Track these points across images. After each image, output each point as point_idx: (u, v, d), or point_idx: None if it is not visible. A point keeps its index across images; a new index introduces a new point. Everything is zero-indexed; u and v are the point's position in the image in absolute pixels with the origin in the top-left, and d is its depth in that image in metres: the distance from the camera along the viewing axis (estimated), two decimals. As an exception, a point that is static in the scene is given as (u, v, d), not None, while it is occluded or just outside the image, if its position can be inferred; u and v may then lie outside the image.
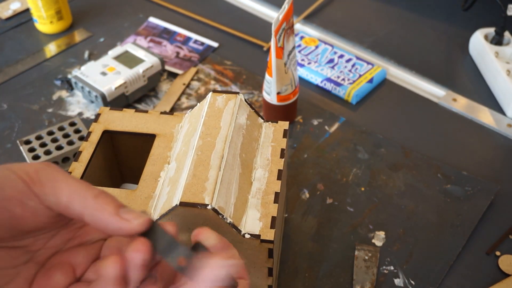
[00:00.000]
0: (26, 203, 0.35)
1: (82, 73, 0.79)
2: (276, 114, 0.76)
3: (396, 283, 0.61)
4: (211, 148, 0.48)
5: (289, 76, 0.73)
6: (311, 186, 0.70)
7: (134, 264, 0.35)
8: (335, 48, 0.89)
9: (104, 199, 0.36)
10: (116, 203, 0.36)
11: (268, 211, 0.48)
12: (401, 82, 0.87)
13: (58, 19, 0.92)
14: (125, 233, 0.36)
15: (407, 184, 0.71)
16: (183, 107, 0.81)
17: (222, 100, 0.53)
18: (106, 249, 0.39)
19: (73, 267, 0.38)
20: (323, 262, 0.63)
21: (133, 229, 0.35)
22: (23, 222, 0.35)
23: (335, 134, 0.77)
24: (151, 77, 0.81)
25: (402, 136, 0.78)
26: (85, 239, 0.39)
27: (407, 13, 0.99)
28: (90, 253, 0.39)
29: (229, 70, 0.87)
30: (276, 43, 0.69)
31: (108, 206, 0.35)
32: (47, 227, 0.37)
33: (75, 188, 0.36)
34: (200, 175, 0.46)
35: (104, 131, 0.56)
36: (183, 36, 0.93)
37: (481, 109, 0.81)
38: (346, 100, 0.82)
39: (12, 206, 0.35)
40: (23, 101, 0.82)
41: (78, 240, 0.39)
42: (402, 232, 0.66)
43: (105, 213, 0.35)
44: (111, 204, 0.36)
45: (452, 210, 0.68)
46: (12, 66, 0.88)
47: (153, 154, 0.53)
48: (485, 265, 0.63)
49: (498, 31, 0.85)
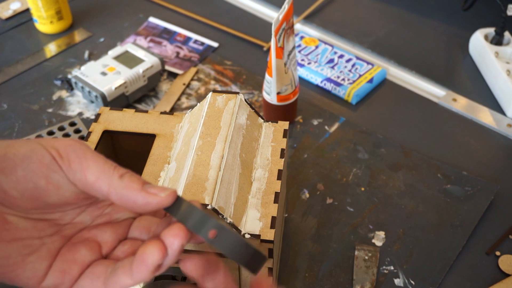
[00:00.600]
0: (50, 177, 0.36)
1: (82, 73, 0.79)
2: (276, 114, 0.76)
3: (396, 283, 0.61)
4: (211, 148, 0.48)
5: (289, 76, 0.73)
6: (311, 186, 0.70)
7: (173, 250, 0.35)
8: (335, 48, 0.89)
9: (129, 177, 0.36)
10: (142, 180, 0.36)
11: (268, 211, 0.48)
12: (401, 82, 0.87)
13: (58, 19, 0.92)
14: (153, 207, 0.36)
15: (407, 184, 0.71)
16: (183, 107, 0.81)
17: (222, 100, 0.53)
18: (135, 229, 0.39)
19: (99, 244, 0.38)
20: (323, 262, 0.63)
21: (160, 202, 0.36)
22: (47, 195, 0.36)
23: (335, 134, 0.77)
24: (151, 77, 0.81)
25: (402, 136, 0.78)
26: (113, 217, 0.40)
27: (407, 13, 0.99)
28: (117, 232, 0.39)
29: (229, 70, 0.87)
30: (276, 43, 0.69)
31: (134, 183, 0.36)
32: (73, 203, 0.38)
33: (103, 168, 0.36)
34: (200, 175, 0.46)
35: (104, 131, 0.56)
36: (183, 36, 0.93)
37: (481, 109, 0.81)
38: (346, 100, 0.82)
39: (36, 178, 0.35)
40: (23, 101, 0.82)
41: (106, 218, 0.40)
42: (402, 232, 0.66)
43: (132, 190, 0.36)
44: (137, 181, 0.36)
45: (452, 210, 0.68)
46: (12, 66, 0.88)
47: (153, 154, 0.53)
48: (485, 265, 0.63)
49: (498, 31, 0.85)
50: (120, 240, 0.39)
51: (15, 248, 0.35)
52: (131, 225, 0.40)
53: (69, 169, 0.36)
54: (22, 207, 0.36)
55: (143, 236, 0.39)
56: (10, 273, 0.35)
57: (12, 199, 0.35)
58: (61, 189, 0.36)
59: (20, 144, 0.36)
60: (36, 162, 0.35)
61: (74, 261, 0.37)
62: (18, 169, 0.35)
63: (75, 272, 0.37)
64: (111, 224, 0.39)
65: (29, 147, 0.36)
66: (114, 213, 0.40)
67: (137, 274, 0.35)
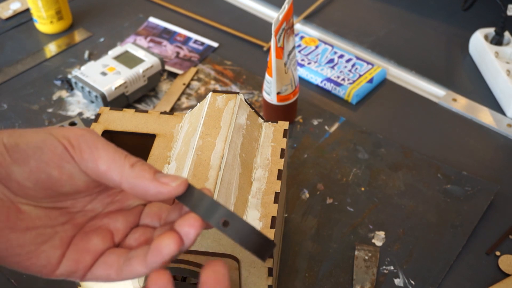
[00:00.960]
0: (63, 167, 0.36)
1: (82, 73, 0.79)
2: (276, 114, 0.76)
3: (396, 283, 0.61)
4: (211, 148, 0.48)
5: (289, 76, 0.73)
6: (311, 186, 0.70)
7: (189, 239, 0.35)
8: (335, 48, 0.89)
9: (141, 166, 0.36)
10: (153, 169, 0.37)
11: (268, 211, 0.48)
12: (401, 82, 0.87)
13: (58, 19, 0.92)
14: (164, 196, 0.36)
15: (407, 184, 0.71)
16: (183, 107, 0.81)
17: (222, 100, 0.53)
18: (146, 216, 0.40)
19: (112, 232, 0.38)
20: (323, 262, 0.63)
21: (171, 192, 0.36)
22: (60, 185, 0.36)
23: (335, 134, 0.77)
24: (151, 77, 0.81)
25: (402, 136, 0.78)
26: (124, 204, 0.40)
27: (407, 13, 0.99)
28: (128, 219, 0.39)
29: (229, 70, 0.87)
30: (276, 43, 0.69)
31: (145, 172, 0.36)
32: (85, 191, 0.38)
33: (114, 157, 0.36)
34: (200, 175, 0.46)
35: (104, 131, 0.56)
36: (183, 36, 0.93)
37: (481, 109, 0.81)
38: (346, 100, 0.82)
39: (49, 168, 0.35)
40: (23, 101, 0.82)
41: (117, 205, 0.40)
42: (402, 232, 0.66)
43: (143, 179, 0.36)
44: (148, 170, 0.36)
45: (452, 210, 0.68)
46: (12, 66, 0.88)
47: (153, 154, 0.53)
48: (485, 265, 0.63)
49: (498, 31, 0.85)
50: (131, 227, 0.39)
51: (29, 237, 0.35)
52: (142, 212, 0.40)
53: (81, 159, 0.36)
54: (35, 196, 0.36)
55: (154, 223, 0.39)
56: (25, 262, 0.35)
57: (25, 189, 0.35)
58: (73, 178, 0.36)
59: (32, 135, 0.36)
60: (49, 152, 0.36)
61: (87, 250, 0.37)
62: (31, 160, 0.35)
63: (88, 261, 0.37)
64: (122, 212, 0.39)
65: (40, 138, 0.36)
66: (125, 200, 0.40)
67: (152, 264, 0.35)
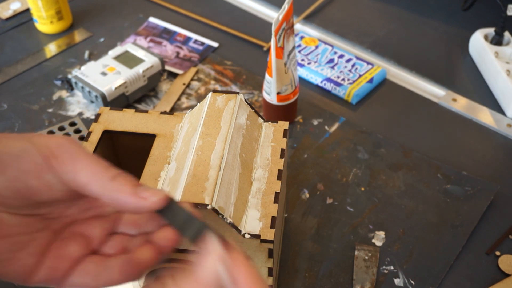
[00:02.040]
0: (42, 177, 0.36)
1: (82, 73, 0.79)
2: (276, 114, 0.76)
3: (396, 283, 0.61)
4: (211, 148, 0.48)
5: (289, 76, 0.73)
6: (311, 186, 0.70)
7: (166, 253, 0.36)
8: (335, 48, 0.89)
9: (121, 180, 0.36)
10: (133, 182, 0.37)
11: (268, 211, 0.48)
12: (401, 82, 0.87)
13: (58, 19, 0.92)
14: (143, 211, 0.36)
15: (407, 184, 0.71)
16: (183, 107, 0.81)
17: (222, 100, 0.53)
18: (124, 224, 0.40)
19: (89, 239, 0.39)
20: (323, 262, 0.63)
21: (150, 207, 0.36)
22: (38, 194, 0.36)
23: (335, 134, 0.77)
24: (151, 77, 0.81)
25: (402, 136, 0.78)
26: (102, 211, 0.40)
27: (407, 13, 0.99)
28: (106, 226, 0.39)
29: (229, 70, 0.87)
30: (276, 43, 0.69)
31: (125, 186, 0.36)
32: (63, 200, 0.38)
33: (95, 169, 0.36)
34: (200, 175, 0.46)
35: (104, 131, 0.56)
36: (183, 36, 0.93)
37: (481, 109, 0.81)
38: (346, 100, 0.82)
39: (28, 178, 0.35)
40: (23, 101, 0.82)
41: (95, 211, 0.40)
42: (402, 232, 0.66)
43: (123, 193, 0.36)
44: (128, 184, 0.36)
45: (452, 210, 0.68)
46: (12, 66, 0.88)
47: (153, 154, 0.53)
48: (485, 265, 0.63)
49: (498, 31, 0.85)
50: (108, 234, 0.39)
51: (5, 245, 0.35)
52: (119, 218, 0.40)
53: (62, 169, 0.36)
54: (12, 204, 0.36)
55: (132, 231, 0.40)
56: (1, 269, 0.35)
57: (2, 198, 0.35)
58: (52, 189, 0.36)
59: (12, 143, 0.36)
60: (28, 162, 0.35)
61: (64, 257, 0.37)
62: (9, 169, 0.35)
63: (65, 267, 0.37)
64: (100, 218, 0.40)
65: (20, 147, 0.36)
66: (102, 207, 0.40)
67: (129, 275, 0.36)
